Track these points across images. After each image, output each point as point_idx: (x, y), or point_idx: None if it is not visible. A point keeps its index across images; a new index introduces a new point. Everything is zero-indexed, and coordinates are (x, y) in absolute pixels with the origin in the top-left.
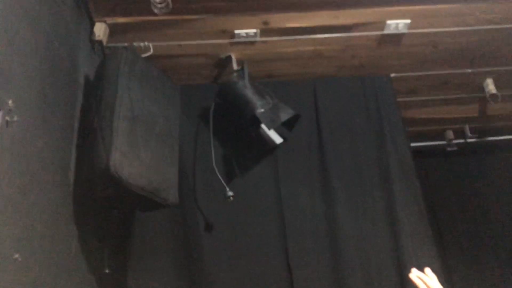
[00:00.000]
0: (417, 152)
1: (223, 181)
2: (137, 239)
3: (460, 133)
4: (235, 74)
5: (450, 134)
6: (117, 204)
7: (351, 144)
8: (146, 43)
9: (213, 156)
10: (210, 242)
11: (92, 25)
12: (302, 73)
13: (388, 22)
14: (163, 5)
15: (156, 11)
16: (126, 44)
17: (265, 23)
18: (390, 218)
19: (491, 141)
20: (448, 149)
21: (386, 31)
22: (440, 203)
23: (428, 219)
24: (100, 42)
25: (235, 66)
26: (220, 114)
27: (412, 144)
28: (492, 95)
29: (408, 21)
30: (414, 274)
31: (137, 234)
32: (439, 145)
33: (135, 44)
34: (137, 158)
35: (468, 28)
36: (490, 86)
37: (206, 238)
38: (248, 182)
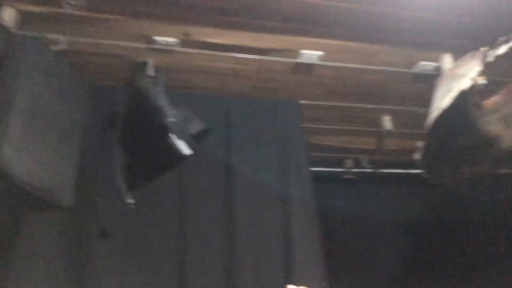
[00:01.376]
0: (317, 176)
1: (122, 188)
2: (24, 240)
3: (357, 163)
4: (150, 80)
5: (349, 162)
6: (5, 201)
7: (257, 163)
8: (59, 36)
9: (115, 161)
10: (103, 248)
11: None
12: (217, 89)
13: (302, 51)
14: None
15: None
16: (36, 34)
17: (186, 34)
18: (286, 236)
19: (385, 173)
20: (346, 176)
21: (299, 60)
22: (333, 225)
23: (320, 239)
24: (5, 28)
25: (150, 72)
26: (130, 119)
27: (314, 169)
28: (388, 131)
29: (321, 53)
30: None
31: (25, 235)
32: (338, 172)
33: (46, 36)
34: (31, 155)
35: (373, 67)
36: (386, 122)
37: (100, 244)
38: (152, 191)
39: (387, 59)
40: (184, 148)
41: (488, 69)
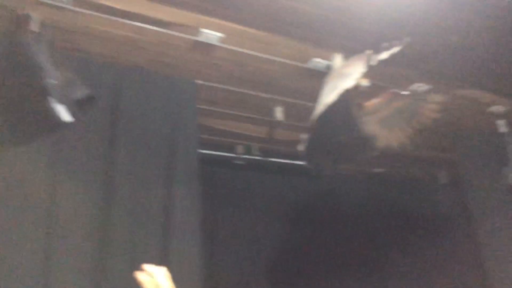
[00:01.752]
0: (207, 159)
1: None
2: None
3: (248, 150)
4: (32, 35)
5: (240, 148)
6: None
7: (143, 139)
8: None
9: None
10: None
11: None
12: (110, 56)
13: (202, 30)
14: None
15: None
16: None
17: None
18: (166, 216)
19: (274, 162)
20: (236, 162)
21: (199, 38)
22: (219, 209)
23: (203, 221)
24: None
25: (34, 27)
26: (1, 74)
27: (205, 151)
28: (279, 121)
29: (222, 35)
30: (144, 271)
31: None
32: (229, 156)
33: None
34: None
35: (271, 57)
36: (278, 113)
37: None
38: (19, 160)
39: (285, 51)
40: (63, 113)
41: (371, 72)
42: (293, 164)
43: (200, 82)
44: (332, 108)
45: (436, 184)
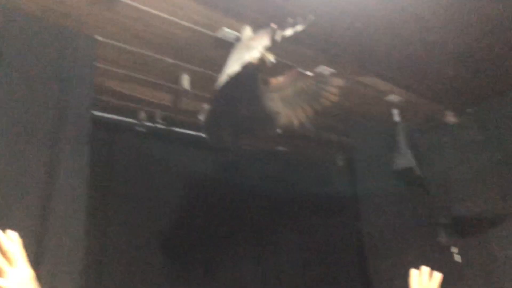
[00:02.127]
0: (106, 123)
1: None
2: None
3: (151, 117)
4: None
5: (142, 115)
6: None
7: (30, 92)
8: None
9: None
10: None
11: None
12: None
13: None
14: None
15: None
16: None
17: None
18: (49, 178)
19: (178, 132)
20: (138, 129)
21: None
22: (114, 177)
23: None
24: None
25: None
26: None
27: (102, 114)
28: (185, 90)
29: None
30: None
31: None
32: (129, 123)
33: None
34: None
35: (179, 20)
36: (185, 81)
37: None
38: None
39: (195, 17)
40: None
41: (279, 50)
42: (197, 136)
43: (101, 39)
44: (236, 80)
45: (334, 166)
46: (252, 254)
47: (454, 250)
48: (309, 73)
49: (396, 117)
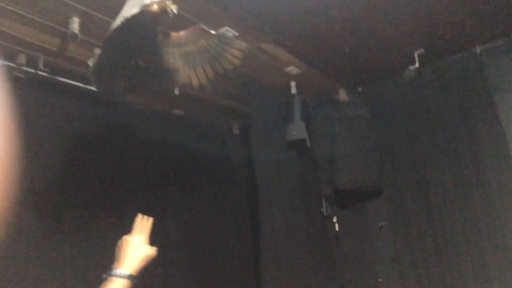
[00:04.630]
0: None
1: None
2: None
3: (33, 62)
4: None
5: (22, 58)
6: None
7: None
8: None
9: None
10: None
11: None
12: None
13: None
14: None
15: None
16: None
17: None
18: None
19: (63, 82)
20: (17, 74)
21: None
22: None
23: None
24: None
25: None
26: None
27: None
28: (73, 34)
29: None
30: None
31: None
32: (8, 66)
33: None
34: None
35: None
36: (75, 24)
37: None
38: None
39: None
40: None
41: (183, 4)
42: (84, 88)
43: None
44: (133, 24)
45: (229, 132)
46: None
47: (334, 219)
48: (213, 32)
49: (293, 89)
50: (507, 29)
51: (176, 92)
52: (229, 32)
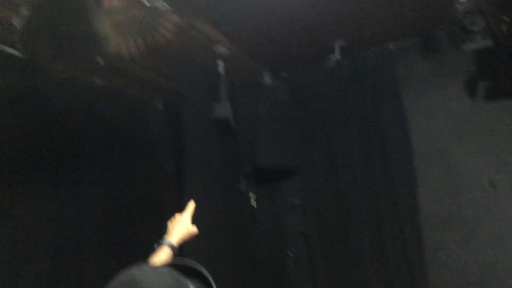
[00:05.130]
0: None
1: None
2: None
3: None
4: None
5: None
6: None
7: None
8: None
9: None
10: None
11: None
12: None
13: None
14: None
15: None
16: None
17: None
18: None
19: None
20: None
21: None
22: None
23: None
24: None
25: None
26: None
27: None
28: None
29: None
30: None
31: None
32: None
33: None
34: None
35: None
36: None
37: None
38: None
39: None
40: None
41: None
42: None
43: None
44: None
45: (153, 108)
46: (50, 191)
47: (252, 196)
48: (146, 2)
49: (221, 69)
50: (418, 29)
51: (101, 62)
52: (162, 4)
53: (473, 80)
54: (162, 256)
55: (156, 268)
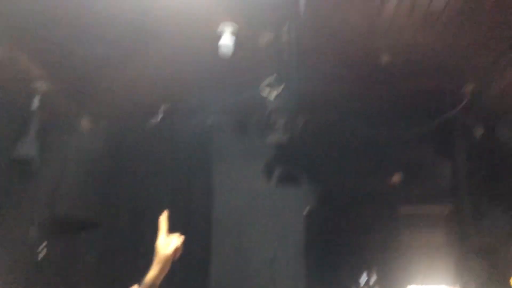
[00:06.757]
0: None
1: None
2: None
3: None
4: None
5: None
6: None
7: None
8: None
9: None
10: None
11: None
12: None
13: None
14: None
15: None
16: None
17: None
18: None
19: None
20: None
21: None
22: None
23: None
24: None
25: None
26: None
27: None
28: None
29: None
30: None
31: None
32: None
33: None
34: None
35: None
36: None
37: None
38: None
39: None
40: None
41: None
42: None
43: None
44: None
45: None
46: None
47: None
48: None
49: (35, 105)
50: (236, 111)
51: None
52: None
53: (270, 167)
54: None
55: None
